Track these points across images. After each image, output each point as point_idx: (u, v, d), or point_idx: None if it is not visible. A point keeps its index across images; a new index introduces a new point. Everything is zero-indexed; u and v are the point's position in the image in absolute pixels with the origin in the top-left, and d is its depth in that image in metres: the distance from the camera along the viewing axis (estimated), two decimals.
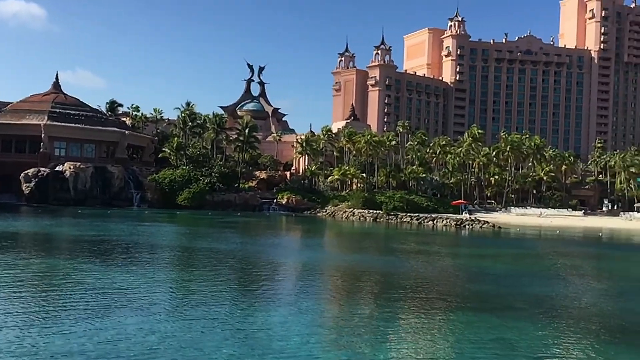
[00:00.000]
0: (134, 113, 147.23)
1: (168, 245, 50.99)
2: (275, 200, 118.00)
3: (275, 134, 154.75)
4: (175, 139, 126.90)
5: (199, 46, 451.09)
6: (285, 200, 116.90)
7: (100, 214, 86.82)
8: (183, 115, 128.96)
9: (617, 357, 19.97)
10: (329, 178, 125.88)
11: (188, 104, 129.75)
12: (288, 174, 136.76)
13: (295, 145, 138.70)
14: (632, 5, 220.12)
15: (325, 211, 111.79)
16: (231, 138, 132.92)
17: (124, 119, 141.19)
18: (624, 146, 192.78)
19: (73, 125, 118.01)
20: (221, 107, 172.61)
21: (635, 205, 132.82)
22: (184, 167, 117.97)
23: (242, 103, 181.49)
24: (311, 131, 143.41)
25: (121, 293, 26.77)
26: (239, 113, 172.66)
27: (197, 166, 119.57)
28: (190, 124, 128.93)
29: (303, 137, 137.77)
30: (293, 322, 22.72)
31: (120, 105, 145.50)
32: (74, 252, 42.27)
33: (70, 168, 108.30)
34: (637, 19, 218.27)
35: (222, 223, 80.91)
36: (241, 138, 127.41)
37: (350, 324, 23.16)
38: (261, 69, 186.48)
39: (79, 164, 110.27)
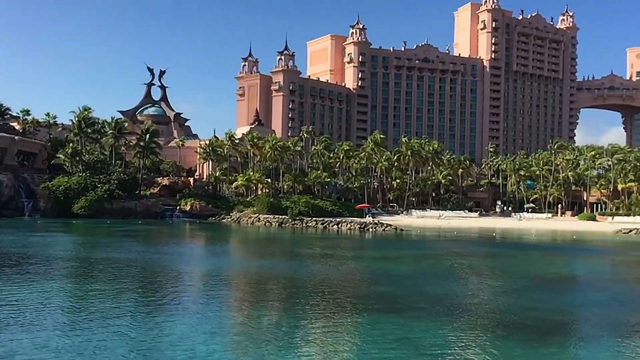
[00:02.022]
0: (24, 117, 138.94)
1: (63, 257, 48.35)
2: (178, 207, 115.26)
3: (177, 139, 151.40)
4: (71, 144, 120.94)
5: (95, 48, 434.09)
6: (189, 206, 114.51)
7: None
8: (78, 119, 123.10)
9: (512, 350, 20.99)
10: (234, 184, 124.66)
11: (85, 108, 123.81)
12: (191, 180, 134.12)
13: (198, 150, 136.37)
14: (520, 17, 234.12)
15: (230, 217, 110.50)
16: (131, 144, 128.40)
17: (13, 124, 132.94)
18: (514, 150, 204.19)
19: None
20: (120, 111, 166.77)
21: (525, 206, 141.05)
22: (80, 174, 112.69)
23: (143, 107, 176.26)
24: (215, 136, 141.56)
25: (12, 308, 25.04)
26: (139, 118, 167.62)
27: (94, 173, 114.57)
28: (86, 129, 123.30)
29: (207, 142, 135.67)
30: (199, 331, 22.18)
31: (9, 109, 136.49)
32: None
33: None
34: (524, 30, 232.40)
35: (121, 232, 77.92)
36: (141, 143, 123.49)
37: (257, 330, 22.93)
38: (162, 73, 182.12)
39: None
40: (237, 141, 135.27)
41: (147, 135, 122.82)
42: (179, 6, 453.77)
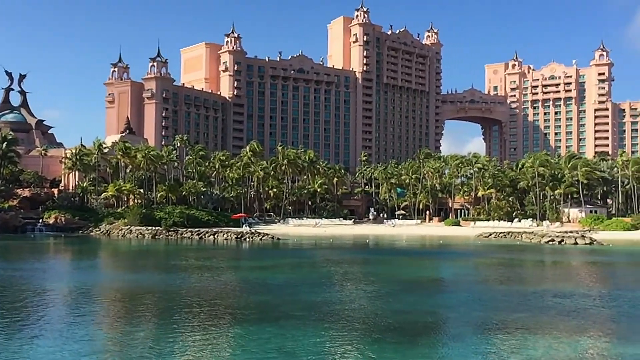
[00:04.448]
0: None
1: None
2: (41, 220, 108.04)
3: (39, 148, 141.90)
4: None
5: None
6: (53, 219, 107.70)
7: None
8: None
9: (385, 353, 21.67)
10: (103, 194, 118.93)
11: None
12: (56, 191, 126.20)
13: (64, 160, 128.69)
14: (389, 32, 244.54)
15: (100, 230, 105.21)
16: None
17: None
18: (386, 159, 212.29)
19: None
20: None
21: (397, 213, 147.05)
22: None
23: (0, 114, 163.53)
24: (82, 145, 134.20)
25: None
26: None
27: None
28: None
29: (73, 151, 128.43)
30: (65, 352, 20.80)
31: None
32: None
33: None
34: (393, 45, 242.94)
35: None
36: None
37: (129, 347, 21.93)
38: (22, 77, 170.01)
39: None
40: (106, 150, 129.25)
41: (5, 144, 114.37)
42: (40, 6, 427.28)
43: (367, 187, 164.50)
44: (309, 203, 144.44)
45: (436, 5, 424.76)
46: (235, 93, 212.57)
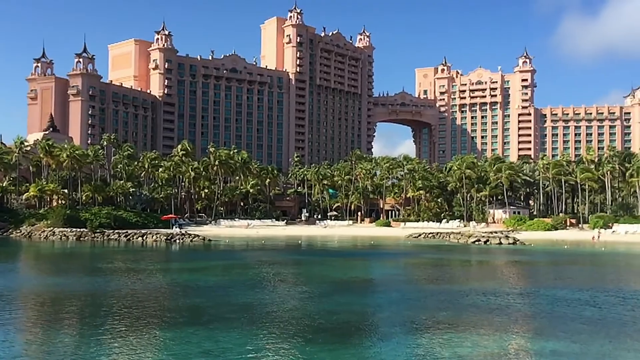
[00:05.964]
0: None
1: None
2: None
3: None
4: None
5: None
6: None
7: None
8: None
9: (317, 353, 21.71)
10: (24, 195, 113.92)
11: None
12: None
13: None
14: (322, 34, 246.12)
15: (20, 232, 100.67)
16: None
17: None
18: (319, 160, 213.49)
19: None
20: None
21: (329, 213, 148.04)
22: None
23: None
24: (2, 142, 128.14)
25: None
26: None
27: None
28: None
29: None
30: None
31: None
32: None
33: None
34: (326, 47, 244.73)
35: None
36: None
37: (53, 353, 21.04)
38: None
39: None
40: (28, 148, 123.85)
41: None
42: None
43: (299, 188, 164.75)
44: (241, 204, 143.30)
45: (368, 9, 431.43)
46: (165, 92, 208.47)
